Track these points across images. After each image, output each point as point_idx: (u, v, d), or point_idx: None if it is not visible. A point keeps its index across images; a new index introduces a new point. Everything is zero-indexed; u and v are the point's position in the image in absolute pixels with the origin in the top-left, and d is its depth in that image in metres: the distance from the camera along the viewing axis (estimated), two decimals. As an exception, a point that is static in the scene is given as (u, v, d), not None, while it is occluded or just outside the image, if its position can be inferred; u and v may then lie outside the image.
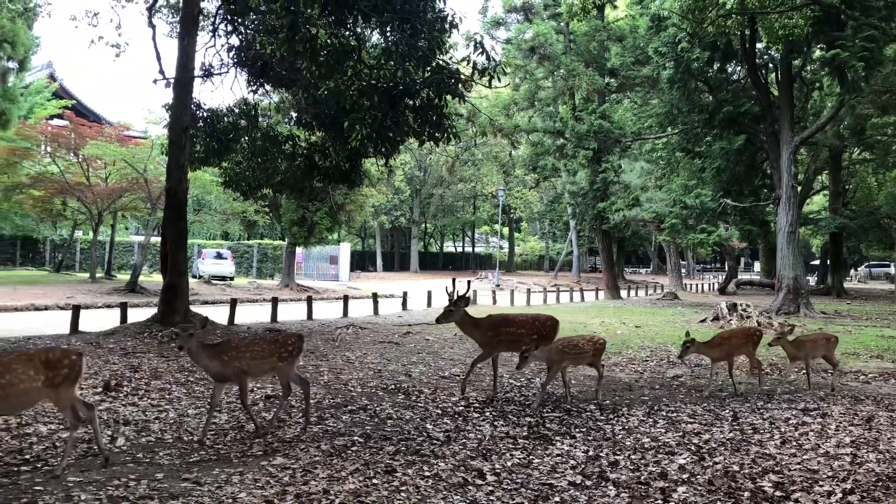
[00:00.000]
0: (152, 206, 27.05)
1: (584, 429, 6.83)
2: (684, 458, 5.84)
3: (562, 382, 8.30)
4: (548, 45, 29.06)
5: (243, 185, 18.53)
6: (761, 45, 24.54)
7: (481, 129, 27.50)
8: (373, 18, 13.32)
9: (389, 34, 13.86)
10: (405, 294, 22.87)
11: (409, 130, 14.36)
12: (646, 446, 6.24)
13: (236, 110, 16.37)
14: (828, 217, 35.10)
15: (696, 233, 28.77)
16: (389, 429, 6.68)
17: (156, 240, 31.08)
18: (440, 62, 13.33)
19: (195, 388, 8.31)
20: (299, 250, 35.19)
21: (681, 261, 45.13)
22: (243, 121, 16.26)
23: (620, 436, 6.60)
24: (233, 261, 37.36)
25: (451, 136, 14.37)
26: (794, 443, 6.44)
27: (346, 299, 20.44)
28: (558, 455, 5.88)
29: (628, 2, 28.48)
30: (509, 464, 5.60)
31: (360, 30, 14.29)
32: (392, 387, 8.84)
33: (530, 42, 29.83)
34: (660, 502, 4.84)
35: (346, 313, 19.31)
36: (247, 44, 15.35)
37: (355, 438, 6.24)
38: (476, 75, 13.14)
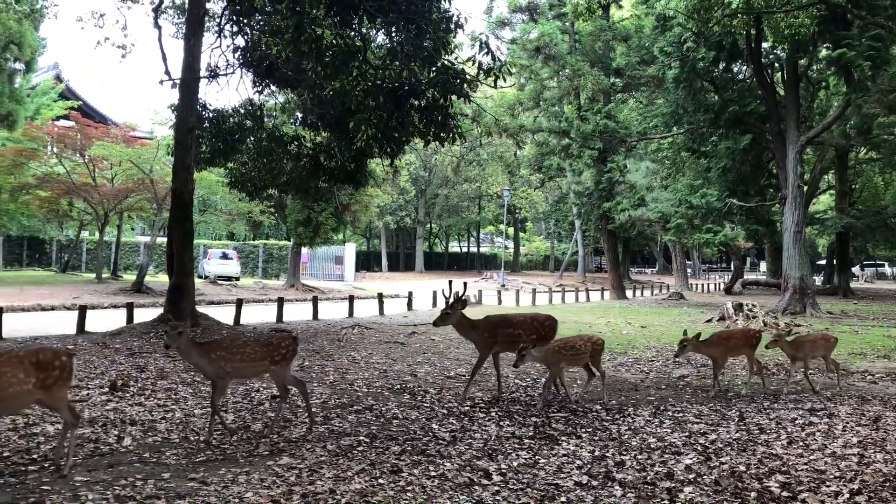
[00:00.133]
0: (158, 206, 27.14)
1: (590, 429, 6.82)
2: (691, 459, 5.83)
3: (559, 384, 8.18)
4: (553, 44, 29.03)
5: (249, 186, 18.57)
6: (767, 45, 24.47)
7: (486, 129, 27.48)
8: (378, 19, 13.32)
9: (395, 34, 13.86)
10: (410, 294, 22.90)
11: (414, 130, 14.37)
12: (652, 446, 6.22)
13: (242, 111, 16.41)
14: (834, 217, 34.99)
15: (701, 233, 28.68)
16: (395, 429, 6.69)
17: (162, 240, 31.23)
18: (445, 62, 13.32)
19: (201, 388, 8.33)
20: (305, 250, 35.23)
21: (686, 261, 45.03)
22: (249, 121, 16.29)
23: (626, 436, 6.59)
24: (238, 261, 37.41)
25: (457, 136, 14.38)
26: (801, 443, 6.41)
27: (351, 299, 20.47)
28: (564, 455, 5.87)
29: (633, 1, 28.49)
30: (515, 464, 5.59)
31: (365, 30, 14.31)
32: (398, 387, 8.85)
33: (535, 42, 29.80)
34: (666, 502, 4.83)
35: (351, 313, 19.34)
36: (252, 44, 15.38)
37: (361, 438, 6.25)
38: (481, 75, 13.14)
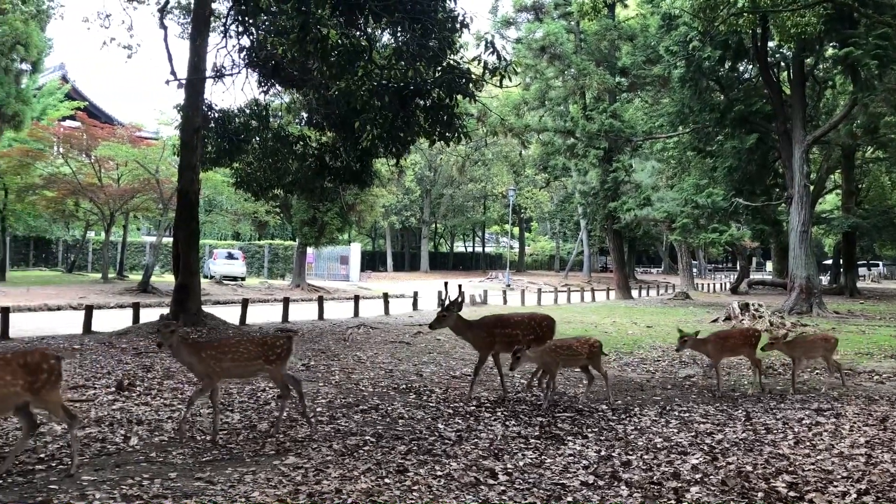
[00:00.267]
0: (164, 206, 27.23)
1: (596, 429, 6.81)
2: (697, 458, 5.81)
3: (544, 382, 8.09)
4: (558, 44, 28.98)
5: (254, 186, 18.62)
6: (773, 44, 24.37)
7: (492, 129, 27.44)
8: (384, 18, 13.34)
9: (400, 34, 13.87)
10: (416, 294, 22.91)
11: (419, 130, 14.38)
12: (658, 446, 6.21)
13: (247, 111, 16.45)
14: (840, 216, 34.85)
15: (707, 232, 28.62)
16: (401, 428, 6.68)
17: (167, 240, 31.29)
18: (451, 62, 13.33)
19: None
20: (310, 250, 35.28)
21: (692, 260, 44.90)
22: (254, 121, 16.33)
23: (633, 436, 6.57)
24: (244, 261, 37.50)
25: (462, 135, 14.38)
26: (808, 443, 6.39)
27: (356, 299, 20.49)
28: (570, 455, 5.86)
29: (639, 1, 28.39)
30: (521, 463, 5.59)
31: (370, 30, 14.32)
32: (403, 386, 8.85)
33: (541, 41, 29.75)
34: (672, 502, 4.82)
35: (356, 313, 19.35)
36: (258, 44, 15.41)
37: (367, 438, 6.25)
38: (486, 75, 13.14)
